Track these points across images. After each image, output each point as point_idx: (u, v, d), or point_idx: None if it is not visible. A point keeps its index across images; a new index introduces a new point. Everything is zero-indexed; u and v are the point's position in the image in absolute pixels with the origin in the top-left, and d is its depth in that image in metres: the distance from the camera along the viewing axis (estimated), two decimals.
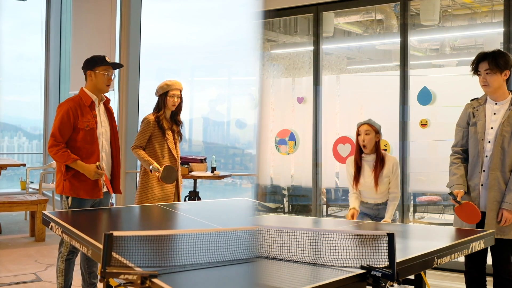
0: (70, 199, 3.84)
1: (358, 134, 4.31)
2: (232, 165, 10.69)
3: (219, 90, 10.87)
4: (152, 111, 4.80)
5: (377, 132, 4.31)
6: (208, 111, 10.72)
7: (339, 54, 6.84)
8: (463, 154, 3.69)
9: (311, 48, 6.19)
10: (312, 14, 6.15)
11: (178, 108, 4.81)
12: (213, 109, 10.72)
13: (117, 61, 7.11)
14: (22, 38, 10.76)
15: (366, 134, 4.25)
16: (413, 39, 5.93)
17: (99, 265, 2.07)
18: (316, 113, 6.14)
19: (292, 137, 6.46)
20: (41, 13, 10.00)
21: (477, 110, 3.64)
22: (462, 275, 4.24)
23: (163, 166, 4.59)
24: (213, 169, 6.36)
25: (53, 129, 3.83)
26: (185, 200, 6.34)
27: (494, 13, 5.67)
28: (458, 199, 3.49)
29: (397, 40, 5.62)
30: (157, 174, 4.56)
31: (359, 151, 4.32)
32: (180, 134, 4.92)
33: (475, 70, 3.62)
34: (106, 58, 4.00)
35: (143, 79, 7.54)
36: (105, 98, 4.07)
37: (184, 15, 9.85)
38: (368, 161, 4.30)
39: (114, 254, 2.13)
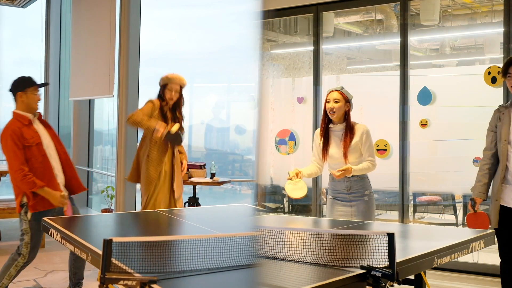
0: (29, 214, 3.97)
1: (326, 101, 3.97)
2: (232, 171, 10.69)
3: (218, 97, 10.89)
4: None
5: (348, 101, 3.97)
6: (207, 117, 10.74)
7: (339, 54, 6.85)
8: (492, 159, 3.78)
9: (311, 48, 6.19)
10: (312, 14, 6.15)
11: (177, 104, 4.83)
12: (213, 115, 10.74)
13: (116, 66, 7.14)
14: (22, 45, 10.77)
15: (336, 102, 3.92)
16: (413, 39, 5.93)
17: (99, 271, 2.07)
18: (316, 113, 6.14)
19: (292, 137, 6.47)
20: (41, 20, 9.99)
21: (503, 113, 3.69)
22: (462, 275, 4.26)
23: (169, 125, 4.68)
24: (213, 175, 6.35)
25: (10, 160, 3.94)
26: (184, 206, 6.35)
27: (494, 13, 5.67)
28: (476, 207, 3.66)
29: (397, 40, 5.63)
30: (162, 131, 4.63)
31: (326, 121, 4.02)
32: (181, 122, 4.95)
33: (504, 73, 3.64)
34: (33, 79, 4.17)
35: (143, 86, 7.53)
36: (37, 114, 4.21)
37: (183, 22, 9.87)
38: (336, 131, 4.00)
39: (113, 260, 2.13)
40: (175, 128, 4.70)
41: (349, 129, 3.95)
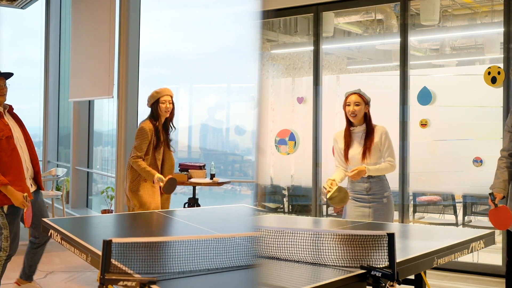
0: (5, 207, 3.97)
1: (347, 105, 4.00)
2: (232, 172, 10.68)
3: (218, 97, 10.88)
4: (147, 119, 4.79)
5: (367, 103, 4.04)
6: (207, 117, 10.73)
7: (339, 54, 6.84)
8: (510, 158, 3.77)
9: (311, 48, 6.19)
10: (312, 14, 6.15)
11: (172, 114, 4.83)
12: (212, 115, 10.73)
13: (116, 67, 7.14)
14: (22, 46, 10.77)
15: (356, 105, 3.97)
16: (413, 39, 5.92)
17: (98, 272, 2.07)
18: (316, 113, 6.14)
19: (292, 137, 6.46)
20: (40, 21, 9.99)
21: None
22: (462, 275, 4.25)
23: (167, 178, 4.61)
24: (212, 176, 6.35)
25: None
26: (184, 207, 6.34)
27: (494, 13, 5.67)
28: (496, 201, 3.59)
29: (397, 40, 5.62)
30: (161, 184, 4.58)
31: (348, 124, 4.05)
32: (168, 142, 4.88)
33: None
34: None
35: (142, 87, 7.53)
36: (8, 107, 4.18)
37: (183, 22, 9.86)
38: (357, 133, 4.02)
39: (113, 260, 2.13)
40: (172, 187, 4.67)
41: (370, 130, 3.97)
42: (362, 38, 7.06)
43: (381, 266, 2.17)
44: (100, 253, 2.15)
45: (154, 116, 4.75)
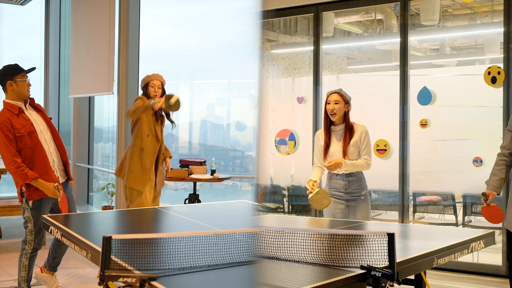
0: (30, 202, 4.01)
1: (327, 103, 4.11)
2: (232, 168, 10.69)
3: (218, 93, 10.89)
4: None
5: (347, 102, 4.12)
6: (207, 113, 10.74)
7: (339, 54, 6.84)
8: (510, 156, 3.77)
9: (311, 48, 6.19)
10: (312, 14, 6.16)
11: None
12: (213, 111, 10.74)
13: (116, 63, 7.14)
14: (22, 42, 10.75)
15: (336, 103, 4.06)
16: (413, 39, 5.93)
17: (98, 269, 2.07)
18: (316, 113, 6.14)
19: (292, 137, 6.47)
20: (40, 17, 9.98)
21: None
22: (462, 275, 4.26)
23: (164, 96, 4.82)
24: (213, 172, 6.36)
25: (3, 152, 3.94)
26: (185, 203, 6.35)
27: (494, 13, 5.67)
28: (488, 201, 3.64)
29: (397, 40, 5.63)
30: (162, 105, 4.78)
31: (327, 122, 4.15)
32: (162, 118, 5.11)
33: None
34: (20, 66, 4.12)
35: None
36: (29, 100, 4.16)
37: (183, 18, 9.86)
38: (337, 131, 4.12)
39: (113, 257, 2.13)
40: (173, 99, 4.78)
41: (349, 129, 4.07)
42: (362, 38, 7.06)
43: (381, 266, 2.18)
44: (100, 249, 2.15)
45: (146, 96, 5.01)
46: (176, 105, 4.81)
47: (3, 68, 4.11)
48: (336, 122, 4.12)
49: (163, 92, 5.05)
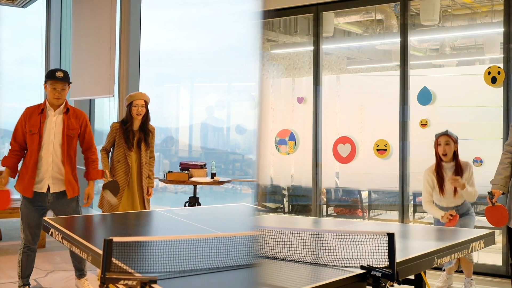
0: (22, 198, 4.24)
1: (437, 144, 4.45)
2: (232, 171, 10.69)
3: (219, 96, 10.90)
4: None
5: (455, 142, 4.44)
6: (207, 117, 10.74)
7: (339, 54, 6.85)
8: None
9: (311, 48, 6.19)
10: (312, 14, 6.16)
11: (145, 118, 4.93)
12: (213, 115, 10.74)
13: (117, 66, 7.14)
14: (22, 45, 10.77)
15: (447, 144, 4.39)
16: (413, 39, 5.93)
17: (99, 271, 2.08)
18: (316, 113, 6.14)
19: (292, 137, 6.47)
20: (41, 20, 9.97)
21: None
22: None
23: (112, 179, 4.70)
24: (213, 175, 6.36)
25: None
26: (185, 206, 6.35)
27: (494, 13, 5.67)
28: (494, 200, 3.68)
29: (397, 40, 5.63)
30: (104, 180, 4.64)
31: (439, 161, 4.45)
32: (146, 142, 4.95)
33: None
34: (57, 74, 4.12)
35: (143, 86, 7.54)
36: (64, 110, 4.20)
37: (183, 22, 9.86)
38: (448, 168, 4.43)
39: (114, 259, 2.13)
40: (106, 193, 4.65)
41: (459, 167, 4.42)
42: (362, 38, 7.07)
43: (381, 266, 2.18)
44: (101, 252, 2.15)
45: (127, 116, 4.93)
46: (112, 193, 4.63)
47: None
48: (446, 160, 4.44)
49: (147, 110, 4.92)
